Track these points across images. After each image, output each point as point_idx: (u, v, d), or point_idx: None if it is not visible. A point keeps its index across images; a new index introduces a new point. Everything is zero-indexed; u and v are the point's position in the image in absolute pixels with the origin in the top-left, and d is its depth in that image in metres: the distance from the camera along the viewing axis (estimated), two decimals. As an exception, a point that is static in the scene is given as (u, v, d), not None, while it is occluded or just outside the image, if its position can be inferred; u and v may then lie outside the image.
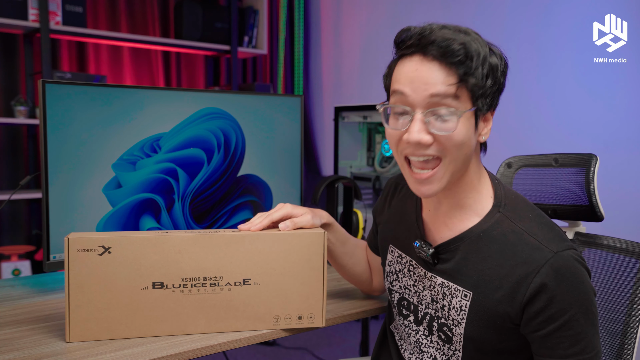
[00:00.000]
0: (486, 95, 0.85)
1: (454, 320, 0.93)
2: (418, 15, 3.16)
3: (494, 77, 0.86)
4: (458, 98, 0.83)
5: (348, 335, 3.00)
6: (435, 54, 0.82)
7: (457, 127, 0.83)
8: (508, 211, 0.90)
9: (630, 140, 2.30)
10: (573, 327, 0.83)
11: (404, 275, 1.03)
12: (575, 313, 0.82)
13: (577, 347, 0.83)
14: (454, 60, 0.82)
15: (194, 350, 0.94)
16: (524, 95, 2.67)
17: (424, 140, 0.84)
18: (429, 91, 0.83)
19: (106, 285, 0.95)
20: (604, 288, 1.13)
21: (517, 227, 0.88)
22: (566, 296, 0.82)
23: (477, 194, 0.92)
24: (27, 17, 2.74)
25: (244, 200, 1.50)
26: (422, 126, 0.84)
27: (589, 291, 0.84)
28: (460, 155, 0.86)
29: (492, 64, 0.85)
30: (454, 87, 0.82)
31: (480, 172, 0.94)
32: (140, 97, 1.32)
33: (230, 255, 1.00)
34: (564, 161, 1.23)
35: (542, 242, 0.85)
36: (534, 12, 2.61)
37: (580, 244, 1.23)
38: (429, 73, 0.83)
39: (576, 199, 1.20)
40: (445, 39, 0.82)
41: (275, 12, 3.85)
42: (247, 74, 3.90)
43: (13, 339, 0.97)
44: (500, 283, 0.86)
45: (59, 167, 1.22)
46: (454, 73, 0.82)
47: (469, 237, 0.91)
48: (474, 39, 0.85)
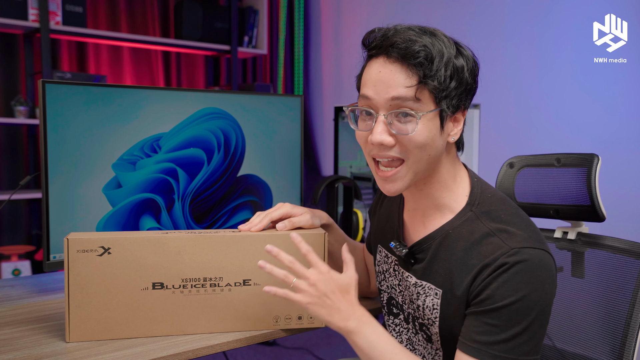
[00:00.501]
0: (450, 97, 0.85)
1: (429, 319, 0.94)
2: (418, 15, 3.16)
3: (459, 79, 0.86)
4: (419, 100, 0.84)
5: (348, 335, 3.00)
6: (397, 55, 0.83)
7: (416, 129, 0.84)
8: (480, 210, 0.90)
9: (630, 140, 2.30)
10: (495, 318, 0.81)
11: (390, 275, 1.04)
12: (505, 306, 0.80)
13: (486, 337, 0.81)
14: (414, 62, 0.82)
15: (194, 350, 0.94)
16: (524, 95, 2.67)
17: (386, 141, 0.86)
18: (390, 94, 0.84)
19: (106, 286, 0.95)
20: (605, 288, 1.13)
21: (485, 227, 0.87)
22: (503, 287, 0.81)
23: (452, 193, 0.93)
24: (27, 17, 2.74)
25: (244, 200, 1.50)
26: (384, 128, 0.86)
27: (532, 295, 0.80)
28: (424, 156, 0.87)
29: (457, 66, 0.85)
30: (414, 90, 0.83)
31: (455, 171, 0.93)
32: (140, 97, 1.32)
33: (230, 256, 1.00)
34: (566, 161, 1.23)
35: (505, 240, 0.84)
36: (534, 12, 2.61)
37: (583, 244, 1.23)
38: (390, 75, 0.84)
39: (578, 199, 1.20)
40: (407, 40, 0.83)
41: (275, 12, 3.85)
42: (247, 74, 3.90)
43: (13, 339, 0.97)
44: (462, 280, 0.86)
45: (59, 167, 1.22)
46: (415, 75, 0.83)
47: (440, 235, 0.92)
48: (439, 40, 0.85)
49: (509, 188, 1.32)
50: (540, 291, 0.81)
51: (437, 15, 3.06)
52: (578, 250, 1.24)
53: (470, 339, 0.83)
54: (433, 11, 3.08)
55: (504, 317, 0.81)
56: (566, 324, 1.26)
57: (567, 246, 1.26)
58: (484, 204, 0.91)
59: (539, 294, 0.81)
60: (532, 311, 0.81)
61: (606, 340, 1.09)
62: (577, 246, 1.24)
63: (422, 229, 0.96)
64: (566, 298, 1.28)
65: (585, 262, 1.24)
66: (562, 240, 1.27)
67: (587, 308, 1.23)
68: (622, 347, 1.07)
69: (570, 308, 1.27)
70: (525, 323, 0.81)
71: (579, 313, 1.24)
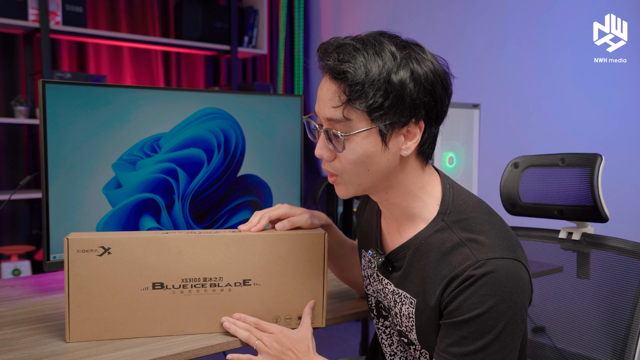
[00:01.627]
0: (387, 115, 0.82)
1: (406, 327, 0.94)
2: (418, 15, 3.16)
3: (397, 96, 0.82)
4: (349, 120, 0.83)
5: (348, 335, 3.00)
6: (329, 73, 0.84)
7: (347, 148, 0.85)
8: (451, 220, 0.89)
9: (630, 140, 2.30)
10: (463, 329, 0.81)
11: (374, 280, 1.04)
12: (472, 318, 0.80)
13: (457, 348, 0.82)
14: (342, 82, 0.82)
15: (194, 350, 0.94)
16: (524, 95, 2.67)
17: (325, 156, 0.88)
18: (325, 114, 0.86)
19: (106, 286, 0.95)
20: (608, 289, 1.13)
21: (455, 236, 0.86)
22: (470, 299, 0.81)
23: (422, 202, 0.92)
24: (27, 17, 2.74)
25: (244, 200, 1.50)
26: (324, 143, 0.88)
27: (499, 306, 0.80)
28: (361, 172, 0.87)
29: (393, 82, 0.81)
30: (340, 110, 0.83)
31: (422, 182, 0.92)
32: (140, 97, 1.32)
33: (230, 256, 1.00)
34: (570, 161, 1.22)
35: (473, 251, 0.83)
36: (534, 12, 2.61)
37: (587, 245, 1.23)
38: (326, 93, 0.85)
39: (581, 199, 1.19)
40: (338, 59, 0.82)
41: (275, 12, 3.85)
42: (247, 74, 3.90)
43: (13, 339, 0.97)
44: (434, 290, 0.86)
45: (59, 167, 1.22)
46: (343, 94, 0.83)
47: (414, 245, 0.91)
48: (379, 55, 0.82)
49: (514, 188, 1.32)
50: (509, 301, 0.80)
51: (437, 15, 3.06)
52: (583, 251, 1.23)
53: (443, 350, 0.84)
54: (433, 11, 3.08)
55: (472, 328, 0.81)
56: (568, 325, 1.26)
57: (572, 247, 1.26)
58: (455, 212, 0.90)
59: (507, 304, 0.80)
60: (499, 322, 0.80)
61: (607, 341, 1.09)
62: (582, 247, 1.24)
63: (398, 237, 0.96)
64: (569, 299, 1.27)
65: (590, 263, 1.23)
66: (567, 240, 1.27)
67: (590, 309, 1.23)
68: (623, 347, 1.07)
69: (573, 308, 1.26)
70: (493, 334, 0.80)
71: (582, 314, 1.24)
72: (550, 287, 1.32)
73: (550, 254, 1.32)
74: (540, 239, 1.34)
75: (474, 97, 2.61)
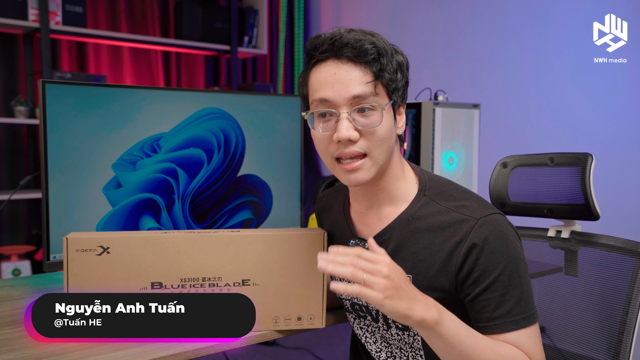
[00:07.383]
0: (398, 89, 0.93)
1: None
2: (417, 15, 3.16)
3: (402, 72, 0.93)
4: (377, 94, 0.90)
5: (348, 335, 3.00)
6: (350, 55, 0.88)
7: (382, 121, 0.89)
8: (433, 193, 0.96)
9: (629, 140, 2.30)
10: (497, 289, 0.87)
11: (348, 281, 1.03)
12: (499, 274, 0.87)
13: (501, 309, 0.87)
14: (368, 59, 0.88)
15: (194, 350, 0.94)
16: (524, 95, 2.67)
17: (353, 136, 0.89)
18: (351, 93, 0.88)
19: (105, 285, 0.95)
20: (600, 287, 1.14)
21: (442, 206, 0.93)
22: (490, 258, 0.87)
23: (404, 182, 0.98)
24: (27, 17, 2.74)
25: (244, 200, 1.50)
26: (349, 124, 0.89)
27: (513, 253, 0.88)
28: (385, 148, 0.92)
29: (398, 61, 0.92)
30: (372, 85, 0.89)
31: (402, 163, 0.99)
32: (140, 97, 1.32)
33: (229, 256, 1.00)
34: (559, 160, 1.23)
35: (466, 214, 0.90)
36: (534, 12, 2.61)
37: (576, 242, 1.24)
38: (347, 75, 0.89)
39: (572, 198, 1.20)
40: (357, 40, 0.88)
41: (275, 12, 3.85)
42: (247, 74, 3.90)
43: (13, 339, 0.97)
44: (434, 260, 0.91)
45: (58, 167, 1.22)
46: (370, 71, 0.89)
47: (400, 224, 0.96)
48: (379, 39, 0.91)
49: (503, 188, 1.33)
50: (516, 244, 0.90)
51: (437, 15, 3.06)
52: (572, 249, 1.25)
53: (490, 319, 0.87)
54: (433, 11, 3.08)
55: (504, 283, 0.87)
56: (562, 323, 1.27)
57: (561, 245, 1.27)
58: (434, 187, 0.97)
59: (516, 248, 0.90)
60: (518, 263, 0.89)
61: (602, 338, 1.09)
62: (570, 245, 1.25)
63: (378, 223, 0.99)
64: (562, 297, 1.28)
65: (579, 261, 1.24)
66: (556, 239, 1.28)
67: (583, 306, 1.23)
68: (618, 344, 1.07)
69: (567, 306, 1.27)
70: (518, 276, 0.88)
71: (576, 311, 1.25)
72: (543, 285, 1.33)
73: (538, 252, 1.33)
74: (529, 237, 1.36)
75: (474, 97, 2.61)
